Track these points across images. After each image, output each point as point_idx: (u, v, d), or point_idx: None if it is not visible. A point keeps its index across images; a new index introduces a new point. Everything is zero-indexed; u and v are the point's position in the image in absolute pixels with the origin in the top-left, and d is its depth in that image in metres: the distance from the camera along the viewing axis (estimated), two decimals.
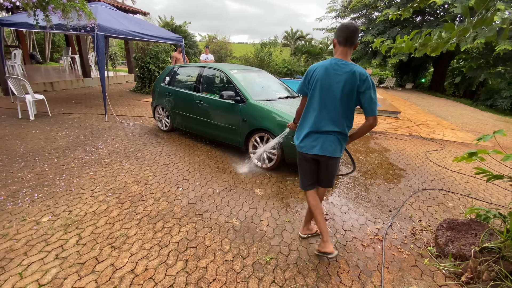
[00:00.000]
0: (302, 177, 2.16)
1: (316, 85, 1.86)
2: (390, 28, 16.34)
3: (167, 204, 2.69)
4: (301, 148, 2.01)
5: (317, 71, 1.86)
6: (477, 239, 2.24)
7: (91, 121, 5.60)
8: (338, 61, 1.82)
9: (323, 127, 1.89)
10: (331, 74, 1.81)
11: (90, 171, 3.31)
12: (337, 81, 1.80)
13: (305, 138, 1.97)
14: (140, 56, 9.38)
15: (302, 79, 1.98)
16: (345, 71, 1.80)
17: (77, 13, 3.63)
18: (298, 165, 2.16)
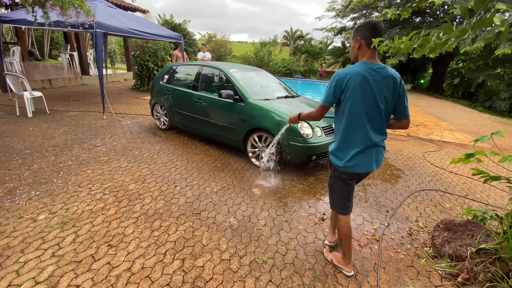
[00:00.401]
0: (345, 200, 1.91)
1: (355, 96, 1.63)
2: (390, 29, 16.34)
3: (164, 203, 2.69)
4: (353, 168, 1.75)
5: (352, 79, 1.62)
6: (474, 240, 2.25)
7: (89, 118, 5.58)
8: (373, 66, 1.64)
9: (373, 139, 1.72)
10: (370, 81, 1.62)
11: (88, 169, 3.30)
12: (378, 89, 1.64)
13: (355, 156, 1.73)
14: (139, 54, 9.35)
15: (328, 89, 1.71)
16: (383, 76, 1.65)
17: (76, 10, 3.61)
18: (337, 187, 1.89)
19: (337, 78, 1.66)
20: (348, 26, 19.26)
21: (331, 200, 2.01)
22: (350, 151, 1.74)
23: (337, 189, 1.91)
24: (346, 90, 1.65)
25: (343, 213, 1.93)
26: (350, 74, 1.63)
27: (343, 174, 1.82)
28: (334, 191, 1.94)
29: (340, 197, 1.91)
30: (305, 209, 2.79)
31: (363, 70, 1.62)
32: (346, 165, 1.76)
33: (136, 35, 6.49)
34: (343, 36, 19.67)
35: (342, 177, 1.84)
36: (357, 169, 1.75)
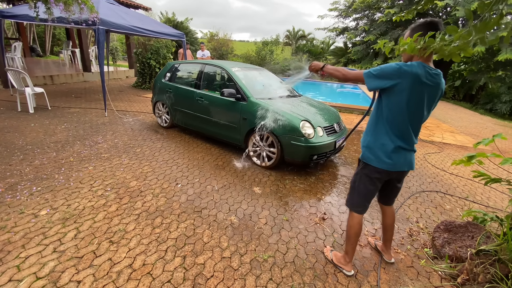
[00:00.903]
0: (365, 199, 1.87)
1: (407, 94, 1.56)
2: (392, 30, 16.33)
3: (165, 200, 2.69)
4: (390, 166, 1.70)
5: (410, 78, 1.52)
6: (474, 241, 2.26)
7: (91, 115, 5.59)
8: (430, 70, 1.55)
9: (412, 143, 1.71)
10: (425, 86, 1.55)
11: (89, 166, 3.31)
12: (429, 94, 1.59)
13: (393, 154, 1.68)
14: (141, 51, 9.34)
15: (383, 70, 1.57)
16: (436, 83, 1.57)
17: (79, 6, 3.61)
18: (361, 185, 1.84)
19: (401, 69, 1.53)
20: (351, 26, 19.24)
21: (350, 197, 1.95)
22: (386, 149, 1.69)
23: (360, 187, 1.85)
24: (400, 84, 1.55)
25: (359, 212, 1.92)
26: (409, 72, 1.52)
27: (374, 171, 1.76)
28: (356, 189, 1.89)
29: (361, 197, 1.87)
30: (305, 208, 2.79)
31: (422, 72, 1.53)
32: (385, 161, 1.70)
33: (139, 33, 6.49)
34: (345, 37, 19.65)
35: (372, 175, 1.78)
36: (392, 167, 1.70)
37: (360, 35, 18.51)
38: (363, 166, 1.84)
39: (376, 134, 1.73)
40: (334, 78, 1.87)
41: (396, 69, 1.54)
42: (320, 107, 4.20)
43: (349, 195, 1.98)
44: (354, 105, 8.64)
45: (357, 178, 1.88)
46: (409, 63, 1.55)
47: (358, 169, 1.90)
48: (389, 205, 2.09)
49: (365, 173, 1.81)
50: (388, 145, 1.69)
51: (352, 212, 1.94)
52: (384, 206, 2.10)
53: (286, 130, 3.35)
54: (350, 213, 1.96)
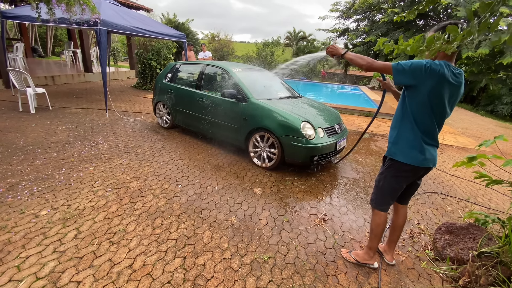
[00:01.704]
0: (390, 197, 1.90)
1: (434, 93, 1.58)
2: (393, 31, 16.34)
3: (166, 201, 2.69)
4: (418, 162, 1.71)
5: (436, 77, 1.54)
6: (475, 243, 2.25)
7: (92, 116, 5.60)
8: (454, 70, 1.58)
9: (437, 139, 1.74)
10: (449, 85, 1.57)
11: (90, 166, 3.31)
12: (452, 94, 1.62)
13: (420, 150, 1.71)
14: (142, 52, 9.37)
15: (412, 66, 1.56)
16: (459, 82, 1.60)
17: (81, 7, 3.62)
18: (387, 184, 1.86)
19: (430, 65, 1.53)
20: (351, 27, 19.25)
21: (375, 196, 1.97)
22: (416, 143, 1.70)
23: (385, 186, 1.88)
24: (427, 83, 1.56)
25: (384, 210, 1.95)
26: (441, 72, 1.53)
27: (401, 169, 1.77)
28: (380, 188, 1.92)
29: (386, 195, 1.90)
30: (306, 209, 2.79)
31: (448, 72, 1.55)
32: (410, 157, 1.71)
33: (140, 34, 6.51)
34: (346, 38, 19.66)
35: (399, 173, 1.80)
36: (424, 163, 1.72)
37: (361, 36, 18.52)
38: (390, 163, 1.85)
39: (403, 130, 1.75)
40: (355, 66, 1.83)
41: (425, 68, 1.54)
42: (321, 108, 4.20)
43: (373, 195, 2.00)
44: (355, 107, 8.64)
45: (382, 177, 1.91)
46: (437, 62, 1.56)
47: (383, 168, 1.92)
48: (405, 204, 2.08)
49: (392, 171, 1.83)
50: (415, 141, 1.71)
51: (376, 210, 1.97)
52: (398, 205, 2.09)
53: (287, 131, 3.35)
54: (375, 211, 1.98)
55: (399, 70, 1.61)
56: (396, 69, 1.62)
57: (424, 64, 1.55)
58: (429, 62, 1.55)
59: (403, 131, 1.76)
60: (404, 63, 1.59)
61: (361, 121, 7.32)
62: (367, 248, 2.09)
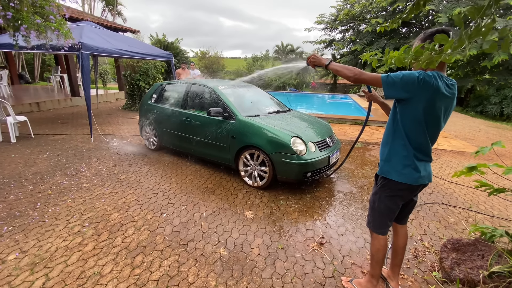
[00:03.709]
0: (388, 219, 1.75)
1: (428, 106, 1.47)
2: (378, 39, 16.72)
3: (148, 234, 2.47)
4: (412, 180, 1.59)
5: (430, 89, 1.43)
6: (485, 261, 2.07)
7: (76, 141, 5.38)
8: (448, 81, 1.48)
9: (430, 154, 1.62)
10: (443, 97, 1.47)
11: (68, 198, 3.08)
12: (446, 106, 1.51)
13: (414, 167, 1.58)
14: (129, 73, 9.29)
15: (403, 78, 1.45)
16: (453, 93, 1.50)
17: (53, 33, 3.50)
18: (381, 205, 1.71)
19: (423, 77, 1.41)
20: (337, 38, 19.66)
21: (372, 219, 1.82)
22: (409, 160, 1.58)
23: (381, 207, 1.73)
24: (422, 96, 1.44)
25: (383, 233, 1.79)
26: (434, 84, 1.42)
27: (396, 188, 1.64)
28: (376, 210, 1.76)
29: (383, 217, 1.75)
30: (302, 232, 2.59)
31: (441, 84, 1.45)
32: (405, 175, 1.59)
33: (125, 55, 6.43)
34: (333, 48, 20.03)
35: (393, 192, 1.66)
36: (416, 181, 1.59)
37: (348, 46, 18.90)
38: (383, 183, 1.70)
39: (395, 146, 1.63)
40: (341, 77, 1.68)
41: (418, 80, 1.42)
42: (311, 121, 4.08)
43: (370, 217, 1.84)
44: (347, 116, 8.59)
45: (376, 198, 1.75)
46: (430, 74, 1.44)
47: (377, 188, 1.76)
48: (404, 223, 1.92)
49: (386, 191, 1.69)
50: (409, 158, 1.58)
51: (375, 234, 1.80)
52: (397, 225, 1.93)
53: (277, 147, 3.20)
54: (374, 235, 1.82)
55: (389, 83, 1.48)
56: (386, 82, 1.49)
57: (416, 76, 1.43)
58: (421, 74, 1.43)
59: (395, 147, 1.62)
60: (394, 75, 1.47)
61: (353, 130, 7.24)
62: (370, 276, 1.90)
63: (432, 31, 1.51)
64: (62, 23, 3.56)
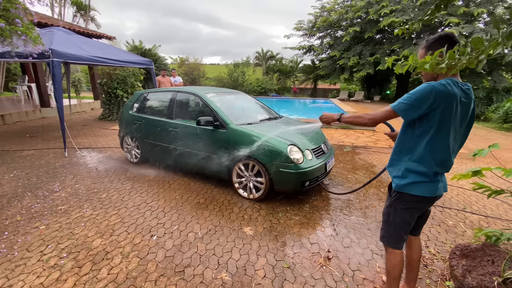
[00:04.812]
0: (403, 232, 1.65)
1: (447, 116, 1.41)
2: (355, 45, 17.31)
3: (138, 261, 2.19)
4: (429, 192, 1.51)
5: (446, 101, 1.37)
6: (496, 266, 2.03)
7: (48, 157, 4.90)
8: (463, 86, 1.43)
9: (449, 166, 1.54)
10: (463, 105, 1.42)
11: (41, 224, 2.71)
12: (465, 112, 1.46)
13: (431, 179, 1.51)
14: (106, 81, 8.79)
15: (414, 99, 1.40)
16: (470, 98, 1.45)
17: (19, 38, 3.12)
18: (399, 218, 1.61)
19: (435, 91, 1.35)
20: (316, 44, 20.11)
21: (386, 233, 1.70)
22: (426, 173, 1.50)
23: (397, 220, 1.63)
24: (438, 108, 1.38)
25: (399, 248, 1.67)
26: (443, 93, 1.36)
27: (412, 200, 1.55)
28: (391, 223, 1.66)
29: (399, 231, 1.64)
30: (306, 247, 2.43)
31: (457, 91, 1.39)
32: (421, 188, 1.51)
33: (101, 63, 6.04)
34: (312, 54, 20.45)
35: (410, 205, 1.57)
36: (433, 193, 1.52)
37: (326, 52, 19.37)
38: (398, 195, 1.60)
39: (411, 163, 1.54)
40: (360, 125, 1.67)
41: (430, 91, 1.36)
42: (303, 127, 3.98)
43: (384, 231, 1.72)
44: None
45: (391, 211, 1.64)
46: (443, 82, 1.39)
47: (391, 200, 1.65)
48: (417, 235, 1.83)
49: (401, 203, 1.59)
50: (427, 173, 1.50)
51: (390, 249, 1.69)
52: (411, 237, 1.83)
53: (273, 157, 3.04)
54: (389, 250, 1.70)
55: (404, 109, 1.44)
56: (399, 109, 1.46)
57: (429, 90, 1.36)
58: (433, 86, 1.37)
59: (412, 164, 1.53)
60: (406, 98, 1.43)
61: (340, 134, 7.28)
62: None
63: (435, 37, 1.48)
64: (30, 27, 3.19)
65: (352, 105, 14.42)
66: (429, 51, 1.45)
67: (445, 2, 1.14)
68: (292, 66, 23.30)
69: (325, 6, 18.79)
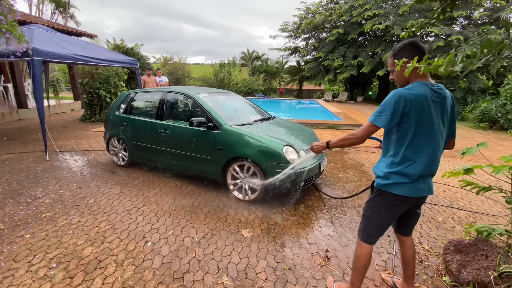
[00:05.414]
0: (379, 230, 1.71)
1: (420, 119, 1.46)
2: (338, 47, 17.66)
3: (134, 269, 2.10)
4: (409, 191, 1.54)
5: (416, 103, 1.44)
6: (490, 261, 2.11)
7: (28, 161, 4.63)
8: (433, 86, 1.50)
9: (432, 167, 1.57)
10: (432, 104, 1.47)
11: (26, 233, 2.54)
12: (440, 111, 1.51)
13: (419, 181, 1.55)
14: (87, 81, 8.43)
15: (387, 109, 1.48)
16: (443, 97, 1.51)
17: (3, 36, 2.91)
18: (376, 215, 1.67)
19: (403, 97, 1.43)
20: (301, 46, 20.33)
21: (362, 227, 1.75)
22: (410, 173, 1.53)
23: (374, 216, 1.69)
24: (410, 112, 1.45)
25: (370, 243, 1.73)
26: (411, 97, 1.44)
27: (391, 199, 1.58)
28: (368, 218, 1.71)
29: (375, 227, 1.70)
30: (305, 248, 2.43)
31: (425, 91, 1.46)
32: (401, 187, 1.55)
33: (83, 62, 5.77)
34: (298, 55, 20.66)
35: (389, 203, 1.61)
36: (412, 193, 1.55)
37: (311, 53, 19.63)
38: (377, 193, 1.65)
39: (392, 161, 1.58)
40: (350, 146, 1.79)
41: (398, 98, 1.45)
42: (296, 128, 4.00)
43: (361, 224, 1.77)
44: (320, 120, 8.79)
45: (370, 206, 1.70)
46: (409, 86, 1.49)
47: (372, 196, 1.71)
48: (408, 235, 1.87)
49: (381, 200, 1.64)
50: (406, 172, 1.54)
51: (360, 241, 1.75)
52: (402, 237, 1.87)
53: (269, 157, 3.02)
54: (360, 242, 1.75)
55: (381, 120, 1.52)
56: (377, 122, 1.53)
57: (397, 97, 1.45)
58: (400, 92, 1.46)
59: (394, 166, 1.57)
60: (379, 110, 1.52)
61: (328, 134, 7.38)
62: (350, 284, 1.82)
63: (400, 46, 1.57)
64: (14, 24, 2.98)
65: (337, 106, 14.68)
66: (401, 56, 1.51)
67: (451, 6, 1.17)
68: (278, 67, 23.43)
69: (309, 8, 19.05)
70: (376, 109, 1.54)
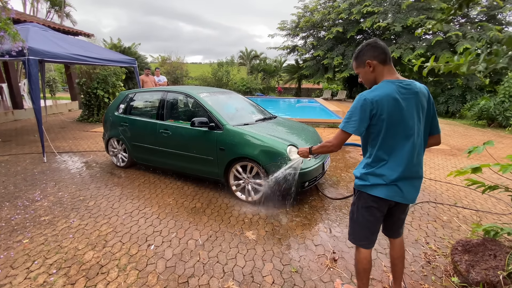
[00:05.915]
0: (368, 231, 1.65)
1: (390, 118, 1.44)
2: (337, 45, 17.62)
3: (137, 274, 2.04)
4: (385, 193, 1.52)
5: (382, 103, 1.42)
6: (499, 260, 2.08)
7: (25, 163, 4.54)
8: (401, 83, 1.47)
9: (419, 170, 1.55)
10: (401, 101, 1.43)
11: (24, 238, 2.47)
12: (412, 107, 1.47)
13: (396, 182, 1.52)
14: (85, 81, 8.33)
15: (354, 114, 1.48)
16: (413, 92, 1.48)
17: None
18: (361, 216, 1.64)
19: (368, 100, 1.44)
20: (300, 44, 20.27)
21: (351, 230, 1.74)
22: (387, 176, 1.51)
23: (359, 219, 1.66)
24: (378, 113, 1.44)
25: (365, 246, 1.68)
26: (376, 98, 1.43)
27: (370, 200, 1.58)
28: (355, 221, 1.70)
29: (362, 229, 1.67)
30: (312, 250, 2.39)
31: (391, 90, 1.44)
32: (377, 188, 1.54)
33: (81, 61, 5.68)
34: (296, 54, 20.60)
35: (368, 203, 1.59)
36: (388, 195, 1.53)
37: (309, 52, 19.58)
38: (358, 194, 1.66)
39: (368, 163, 1.59)
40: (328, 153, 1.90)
41: (363, 102, 1.45)
42: (299, 127, 3.95)
43: (349, 228, 1.77)
44: (320, 119, 8.75)
45: (354, 209, 1.70)
46: (374, 88, 1.50)
47: (354, 199, 1.71)
48: (396, 237, 1.83)
49: (361, 202, 1.64)
50: (381, 173, 1.53)
51: (357, 246, 1.72)
52: (390, 239, 1.85)
53: (273, 157, 2.97)
54: (356, 247, 1.72)
55: (351, 126, 1.51)
56: (347, 128, 1.52)
57: (362, 101, 1.46)
58: (364, 96, 1.46)
59: (369, 167, 1.57)
60: (347, 116, 1.53)
61: (328, 133, 7.35)
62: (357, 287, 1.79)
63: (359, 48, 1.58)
64: (8, 22, 2.90)
65: (336, 104, 14.67)
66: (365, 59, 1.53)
67: (467, 2, 1.13)
68: (276, 66, 23.36)
69: (308, 6, 18.98)
70: (345, 115, 1.54)
